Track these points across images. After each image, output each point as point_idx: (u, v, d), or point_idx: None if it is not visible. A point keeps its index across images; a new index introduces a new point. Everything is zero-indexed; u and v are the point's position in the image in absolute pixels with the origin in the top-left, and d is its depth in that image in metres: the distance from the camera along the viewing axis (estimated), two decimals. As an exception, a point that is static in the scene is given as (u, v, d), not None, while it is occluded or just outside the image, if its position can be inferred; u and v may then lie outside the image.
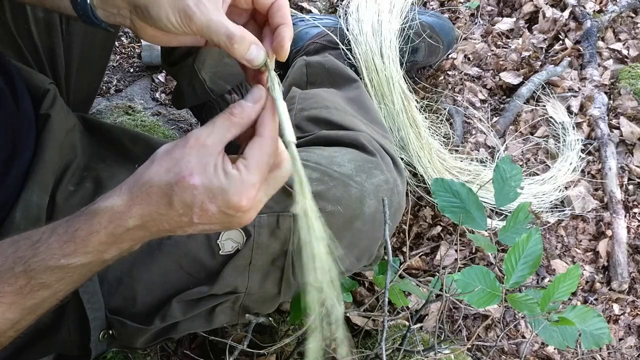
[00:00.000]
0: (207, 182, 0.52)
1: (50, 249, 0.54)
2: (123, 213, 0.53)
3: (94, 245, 0.53)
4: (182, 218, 0.53)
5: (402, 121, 1.26)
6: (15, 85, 0.72)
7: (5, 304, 0.53)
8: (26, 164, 0.71)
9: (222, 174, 0.52)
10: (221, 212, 0.53)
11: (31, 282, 0.53)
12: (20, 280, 0.53)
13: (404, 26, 1.34)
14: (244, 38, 0.55)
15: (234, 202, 0.52)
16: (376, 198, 0.81)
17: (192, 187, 0.52)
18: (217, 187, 0.52)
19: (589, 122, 1.40)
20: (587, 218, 1.27)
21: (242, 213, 0.54)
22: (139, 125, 1.29)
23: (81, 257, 0.53)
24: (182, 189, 0.52)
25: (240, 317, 0.84)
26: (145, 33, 0.60)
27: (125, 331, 0.76)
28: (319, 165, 0.80)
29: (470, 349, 1.10)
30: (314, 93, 0.98)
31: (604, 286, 1.20)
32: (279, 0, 0.59)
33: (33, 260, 0.53)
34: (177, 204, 0.52)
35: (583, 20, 1.54)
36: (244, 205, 0.53)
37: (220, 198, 0.52)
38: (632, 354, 1.13)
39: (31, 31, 0.80)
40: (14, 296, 0.53)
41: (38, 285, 0.54)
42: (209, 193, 0.52)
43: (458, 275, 0.82)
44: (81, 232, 0.53)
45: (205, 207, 0.52)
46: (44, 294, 0.55)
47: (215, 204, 0.52)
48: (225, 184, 0.52)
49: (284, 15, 0.58)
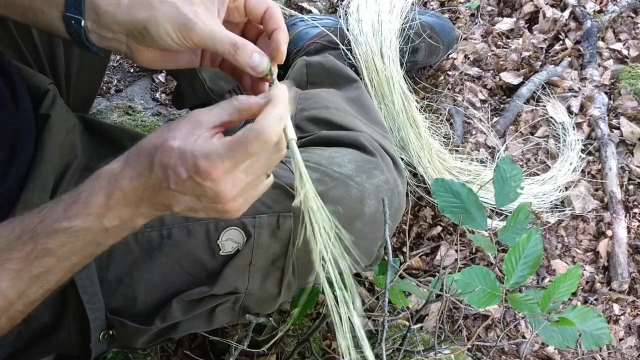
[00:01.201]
0: (183, 145, 0.52)
1: (55, 213, 0.55)
2: (118, 174, 0.55)
3: (94, 207, 0.54)
4: (162, 183, 0.54)
5: (402, 121, 1.26)
6: (15, 85, 0.72)
7: (14, 270, 0.54)
8: (26, 164, 0.71)
9: (200, 141, 0.53)
10: (190, 179, 0.53)
11: (37, 247, 0.54)
12: (27, 246, 0.54)
13: (404, 26, 1.34)
14: (246, 45, 0.57)
15: (200, 166, 0.52)
16: (376, 198, 0.81)
17: (170, 149, 0.53)
18: (189, 150, 0.52)
19: (589, 122, 1.40)
20: (587, 218, 1.27)
21: (212, 184, 0.53)
22: (139, 125, 1.29)
23: (82, 219, 0.54)
24: (161, 151, 0.53)
25: (240, 317, 0.84)
26: (142, 57, 0.61)
27: (125, 331, 0.76)
28: (319, 166, 0.80)
29: (470, 349, 1.10)
30: (314, 93, 0.98)
31: (604, 286, 1.20)
32: (271, 8, 0.61)
33: (39, 226, 0.54)
34: (156, 167, 0.53)
35: (583, 20, 1.54)
36: (211, 172, 0.52)
37: (189, 161, 0.52)
38: (632, 354, 1.13)
39: (31, 31, 0.80)
40: (21, 262, 0.54)
41: (43, 251, 0.54)
42: (181, 155, 0.52)
43: (458, 275, 0.82)
44: (83, 194, 0.55)
45: (177, 170, 0.52)
46: (49, 261, 0.55)
47: (184, 167, 0.52)
48: (197, 149, 0.52)
49: (277, 20, 0.61)
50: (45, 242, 0.54)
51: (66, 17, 0.58)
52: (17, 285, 0.55)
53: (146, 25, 0.57)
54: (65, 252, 0.55)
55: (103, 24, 0.58)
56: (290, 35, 1.33)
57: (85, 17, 0.58)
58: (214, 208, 0.56)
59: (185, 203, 0.55)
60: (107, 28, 0.59)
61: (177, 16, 0.56)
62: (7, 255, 0.54)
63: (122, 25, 0.58)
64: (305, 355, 1.01)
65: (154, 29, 0.57)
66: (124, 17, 0.57)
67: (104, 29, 0.59)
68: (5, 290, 0.54)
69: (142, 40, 0.59)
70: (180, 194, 0.54)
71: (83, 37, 0.59)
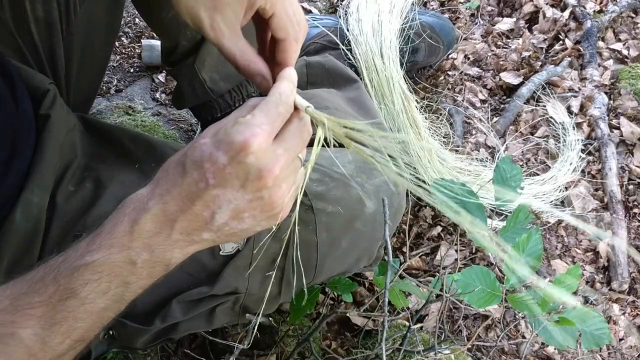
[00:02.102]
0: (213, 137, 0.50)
1: (78, 249, 0.51)
2: (145, 197, 0.51)
3: (118, 237, 0.50)
4: (198, 184, 0.49)
5: (402, 121, 1.26)
6: (15, 85, 0.72)
7: (36, 317, 0.48)
8: (26, 164, 0.71)
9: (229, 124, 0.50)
10: (231, 160, 0.49)
11: (59, 288, 0.49)
12: (49, 288, 0.49)
13: (404, 26, 1.34)
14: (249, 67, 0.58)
15: (238, 140, 0.48)
16: (376, 199, 0.81)
17: (201, 144, 0.50)
18: (222, 134, 0.50)
19: (589, 122, 1.40)
20: (587, 218, 1.27)
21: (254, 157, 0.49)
22: (139, 125, 1.29)
23: (105, 250, 0.49)
24: (192, 150, 0.50)
25: (240, 317, 0.84)
26: None
27: (125, 331, 0.76)
28: (320, 166, 0.80)
29: (470, 349, 1.10)
30: (314, 93, 0.98)
31: (604, 286, 1.20)
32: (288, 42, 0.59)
33: (62, 265, 0.50)
34: (189, 167, 0.50)
35: (583, 21, 1.54)
36: (251, 142, 0.48)
37: (225, 142, 0.49)
38: (632, 354, 1.13)
39: (31, 31, 0.80)
40: (44, 307, 0.49)
41: (66, 292, 0.49)
42: (215, 143, 0.49)
43: (458, 275, 0.82)
44: (107, 225, 0.51)
45: (214, 158, 0.49)
46: (72, 303, 0.49)
47: (222, 149, 0.49)
48: (230, 129, 0.49)
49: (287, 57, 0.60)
50: (67, 282, 0.49)
51: None
52: (40, 334, 0.48)
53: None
54: (90, 293, 0.49)
55: None
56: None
57: None
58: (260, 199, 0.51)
59: (229, 203, 0.50)
60: None
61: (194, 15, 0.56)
62: (28, 300, 0.49)
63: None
64: (305, 355, 1.01)
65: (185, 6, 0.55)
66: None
67: None
68: (26, 339, 0.48)
69: None
70: (222, 190, 0.50)
71: None
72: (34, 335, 0.48)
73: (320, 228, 0.78)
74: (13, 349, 0.48)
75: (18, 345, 0.48)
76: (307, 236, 0.77)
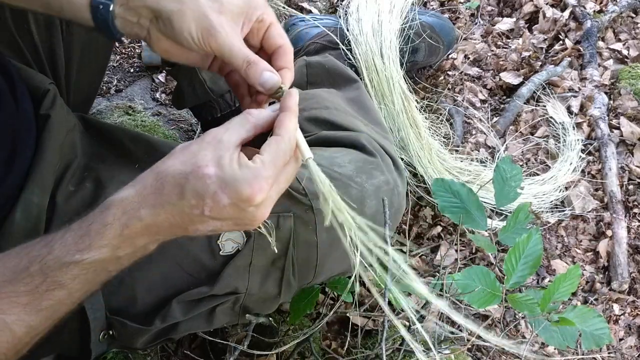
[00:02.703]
0: (220, 172, 0.52)
1: (65, 245, 0.53)
2: (136, 203, 0.53)
3: (108, 238, 0.53)
4: (193, 210, 0.53)
5: (402, 121, 1.26)
6: (15, 85, 0.72)
7: (21, 304, 0.52)
8: (26, 164, 0.71)
9: (236, 165, 0.53)
10: (233, 205, 0.53)
11: (47, 280, 0.52)
12: (35, 279, 0.52)
13: (404, 26, 1.34)
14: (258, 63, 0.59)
15: (246, 193, 0.52)
16: (376, 199, 0.81)
17: (206, 177, 0.52)
18: (230, 176, 0.52)
19: (589, 122, 1.40)
20: (587, 218, 1.27)
21: (254, 208, 0.54)
22: (139, 125, 1.29)
23: (95, 251, 0.53)
24: (195, 178, 0.52)
25: (240, 317, 0.84)
26: (159, 45, 0.62)
27: (125, 331, 0.76)
28: (319, 166, 0.80)
29: (470, 349, 1.10)
30: (314, 93, 0.98)
31: (604, 286, 1.20)
32: (285, 46, 0.63)
33: (48, 258, 0.53)
34: (189, 194, 0.52)
35: (583, 21, 1.54)
36: (257, 197, 0.53)
37: (232, 188, 0.52)
38: (632, 354, 1.13)
39: (31, 31, 0.80)
40: (30, 296, 0.52)
41: (53, 284, 0.52)
42: (221, 183, 0.52)
43: (458, 275, 0.82)
44: (95, 225, 0.53)
45: (217, 197, 0.52)
46: (59, 294, 0.53)
47: (227, 194, 0.52)
48: (239, 175, 0.52)
49: (288, 60, 0.63)
50: (55, 275, 0.52)
51: (95, 2, 0.59)
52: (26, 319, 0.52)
53: (171, 17, 0.58)
54: (77, 284, 0.54)
55: (131, 7, 0.59)
56: (290, 35, 1.34)
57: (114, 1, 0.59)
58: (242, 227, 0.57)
59: (214, 226, 0.55)
60: (134, 11, 0.59)
61: (203, 19, 0.57)
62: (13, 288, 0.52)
63: (150, 10, 0.58)
64: (305, 355, 1.01)
65: (178, 23, 0.58)
66: (153, 3, 0.58)
67: (131, 12, 0.59)
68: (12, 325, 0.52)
69: (164, 30, 0.59)
70: (213, 220, 0.54)
71: (109, 22, 0.60)
72: (19, 320, 0.52)
73: (320, 228, 0.78)
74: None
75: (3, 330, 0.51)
76: (307, 236, 0.77)
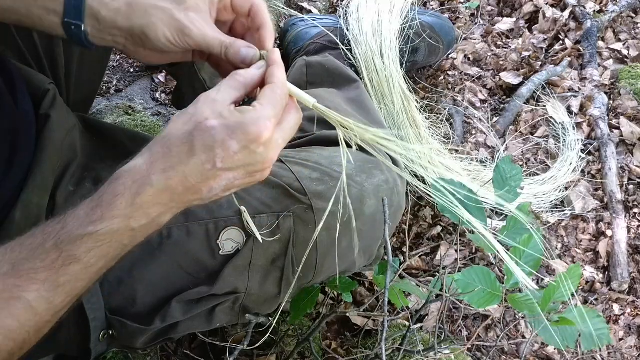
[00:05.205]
0: (223, 121, 0.54)
1: (78, 219, 0.53)
2: (146, 171, 0.54)
3: (120, 209, 0.53)
4: (205, 166, 0.54)
5: (402, 121, 1.26)
6: (15, 85, 0.72)
7: (40, 280, 0.52)
8: (26, 164, 0.71)
9: (236, 112, 0.55)
10: (243, 149, 0.54)
11: (62, 255, 0.52)
12: (51, 254, 0.52)
13: (404, 26, 1.34)
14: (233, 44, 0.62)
15: (252, 132, 0.53)
16: (376, 198, 0.81)
17: (211, 129, 0.53)
18: (234, 122, 0.54)
19: (589, 122, 1.40)
20: (587, 218, 1.27)
21: (264, 148, 0.55)
22: (139, 125, 1.29)
23: (108, 222, 0.53)
24: (201, 132, 0.54)
25: (240, 317, 0.84)
26: (138, 54, 0.64)
27: (125, 331, 0.76)
28: (319, 166, 0.80)
29: (470, 349, 1.10)
30: (314, 93, 0.98)
31: (604, 286, 1.20)
32: (255, 5, 0.65)
33: (62, 232, 0.53)
34: (198, 149, 0.53)
35: (583, 20, 1.54)
36: (264, 134, 0.54)
37: (239, 132, 0.53)
38: (632, 354, 1.13)
39: (31, 31, 0.80)
40: (47, 272, 0.52)
41: (69, 259, 0.52)
42: (227, 130, 0.53)
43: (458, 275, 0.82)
44: (107, 196, 0.54)
45: (226, 144, 0.53)
46: (75, 268, 0.53)
47: (235, 139, 0.53)
48: (242, 118, 0.54)
49: (262, 17, 0.65)
50: (70, 249, 0.52)
51: (66, 22, 0.61)
52: (45, 296, 0.52)
53: (145, 30, 0.60)
54: (92, 258, 0.53)
55: (103, 29, 0.61)
56: (290, 35, 1.34)
57: (85, 22, 0.60)
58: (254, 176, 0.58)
59: (227, 180, 0.56)
60: (107, 32, 0.61)
61: (173, 22, 0.60)
62: (30, 265, 0.52)
63: (122, 30, 0.61)
64: (305, 355, 1.01)
65: (153, 34, 0.60)
66: (123, 23, 0.60)
67: (104, 33, 0.62)
68: (33, 302, 0.52)
69: (142, 43, 0.61)
70: (226, 172, 0.55)
71: (83, 39, 0.62)
72: (39, 297, 0.52)
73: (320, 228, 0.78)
74: (20, 311, 0.51)
75: (25, 307, 0.51)
76: (307, 236, 0.77)
